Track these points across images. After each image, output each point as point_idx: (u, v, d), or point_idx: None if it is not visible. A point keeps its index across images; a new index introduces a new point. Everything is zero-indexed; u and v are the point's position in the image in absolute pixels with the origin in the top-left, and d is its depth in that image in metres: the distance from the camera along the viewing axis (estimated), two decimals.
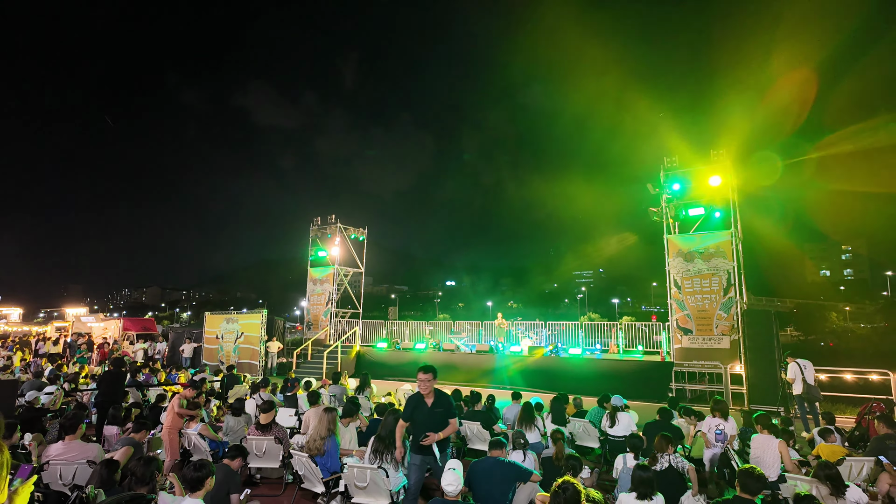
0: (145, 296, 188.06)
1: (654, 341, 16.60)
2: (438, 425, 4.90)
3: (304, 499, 5.83)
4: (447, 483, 4.01)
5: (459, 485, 4.03)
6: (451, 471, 4.06)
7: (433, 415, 4.95)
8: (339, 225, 22.88)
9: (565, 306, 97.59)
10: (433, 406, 5.00)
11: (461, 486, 4.06)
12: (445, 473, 4.05)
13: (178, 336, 21.56)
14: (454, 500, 4.00)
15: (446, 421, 4.98)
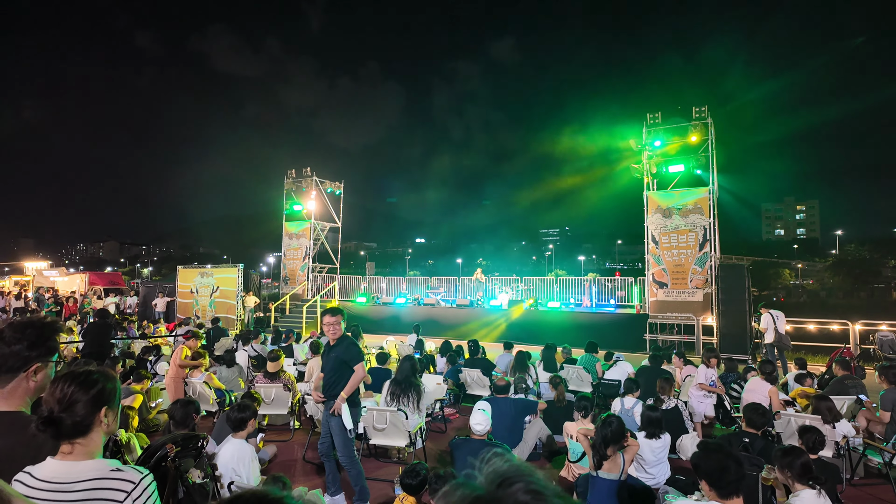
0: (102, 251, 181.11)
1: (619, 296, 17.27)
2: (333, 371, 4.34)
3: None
4: (476, 423, 4.16)
5: (487, 424, 4.19)
6: (480, 411, 4.20)
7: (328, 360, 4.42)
8: (315, 178, 22.33)
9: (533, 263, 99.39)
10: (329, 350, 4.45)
11: (489, 425, 4.22)
12: (475, 414, 4.20)
13: (150, 290, 21.03)
14: (481, 438, 4.17)
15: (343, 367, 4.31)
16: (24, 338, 1.65)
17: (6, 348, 1.61)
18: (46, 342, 1.70)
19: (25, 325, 1.69)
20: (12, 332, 1.65)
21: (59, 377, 1.53)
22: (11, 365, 1.62)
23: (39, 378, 1.70)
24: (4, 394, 1.63)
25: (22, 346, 1.64)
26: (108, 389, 1.56)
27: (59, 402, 1.48)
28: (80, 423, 1.49)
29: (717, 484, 2.46)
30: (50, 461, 1.49)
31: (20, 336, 1.64)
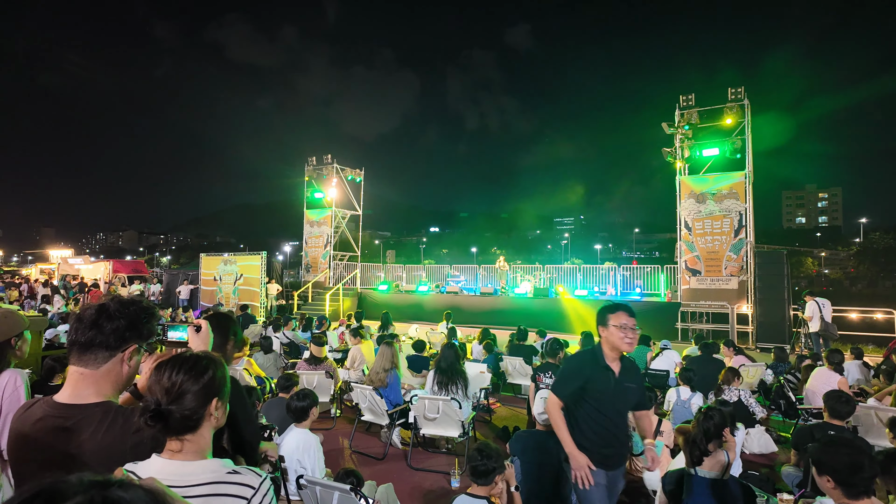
0: (122, 240, 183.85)
1: (641, 284, 16.95)
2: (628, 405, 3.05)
3: (360, 431, 5.79)
4: (541, 412, 3.94)
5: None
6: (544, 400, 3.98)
7: (624, 392, 2.94)
8: (336, 165, 22.13)
9: (548, 252, 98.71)
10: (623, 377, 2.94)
11: None
12: (538, 402, 3.98)
13: (173, 278, 21.14)
14: (545, 429, 3.95)
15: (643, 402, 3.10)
16: (127, 314, 1.46)
17: (108, 323, 1.43)
18: (146, 324, 1.51)
19: (129, 302, 1.53)
20: (117, 307, 1.46)
21: (164, 363, 1.33)
22: (110, 343, 1.43)
23: (133, 364, 1.51)
24: (97, 377, 1.43)
25: (123, 323, 1.45)
26: (219, 378, 1.35)
27: (168, 392, 1.28)
28: (190, 416, 1.29)
29: (848, 482, 2.22)
30: (156, 459, 1.29)
31: (124, 312, 1.46)
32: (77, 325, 1.46)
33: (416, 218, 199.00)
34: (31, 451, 1.37)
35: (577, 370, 3.03)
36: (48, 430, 1.36)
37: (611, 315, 2.91)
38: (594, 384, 2.91)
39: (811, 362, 6.50)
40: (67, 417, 1.37)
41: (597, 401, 2.91)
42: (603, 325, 2.94)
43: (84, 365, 1.43)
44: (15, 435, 1.41)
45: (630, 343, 2.86)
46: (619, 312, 2.91)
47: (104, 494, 0.63)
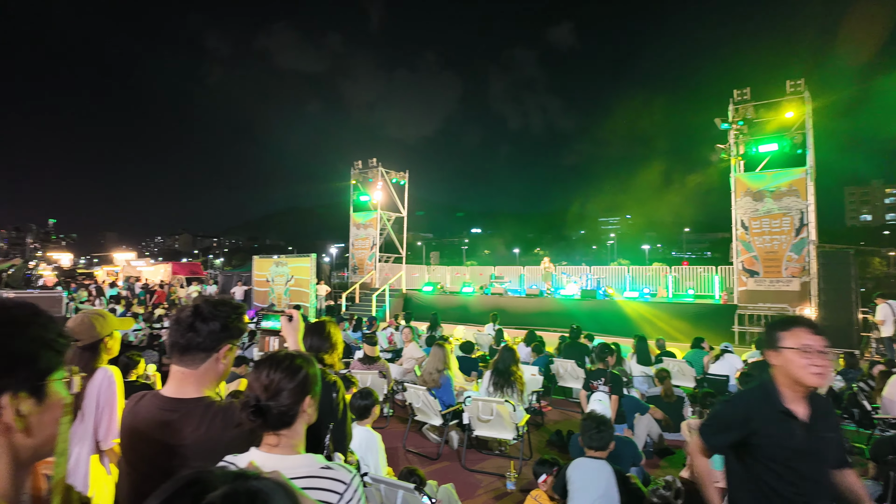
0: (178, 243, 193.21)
1: (692, 286, 16.41)
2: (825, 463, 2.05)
3: (412, 430, 5.87)
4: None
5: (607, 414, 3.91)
6: (599, 402, 3.95)
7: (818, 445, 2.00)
8: (381, 168, 22.50)
9: (593, 253, 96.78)
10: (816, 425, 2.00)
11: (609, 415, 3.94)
12: (593, 404, 3.95)
13: (228, 279, 22.02)
14: None
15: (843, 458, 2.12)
16: (220, 316, 1.55)
17: (204, 325, 1.52)
18: (237, 322, 1.61)
19: (219, 302, 1.62)
20: (210, 308, 1.56)
21: (262, 362, 1.42)
22: (207, 345, 1.53)
23: (228, 361, 1.60)
24: (197, 375, 1.54)
25: (217, 325, 1.54)
26: (312, 376, 1.43)
27: (266, 389, 1.36)
28: (286, 412, 1.36)
29: None
30: (255, 452, 1.37)
31: (217, 313, 1.55)
32: (176, 327, 1.56)
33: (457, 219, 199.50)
34: (141, 440, 1.48)
35: (739, 416, 2.10)
36: (156, 421, 1.47)
37: (785, 333, 2.02)
38: (768, 436, 2.00)
39: (886, 368, 6.12)
40: (174, 411, 1.48)
41: (773, 459, 2.01)
42: (773, 347, 2.04)
43: (185, 365, 1.53)
44: (128, 426, 1.53)
45: (820, 374, 1.94)
46: (797, 329, 2.01)
47: (246, 485, 0.69)
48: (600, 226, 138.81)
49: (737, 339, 13.07)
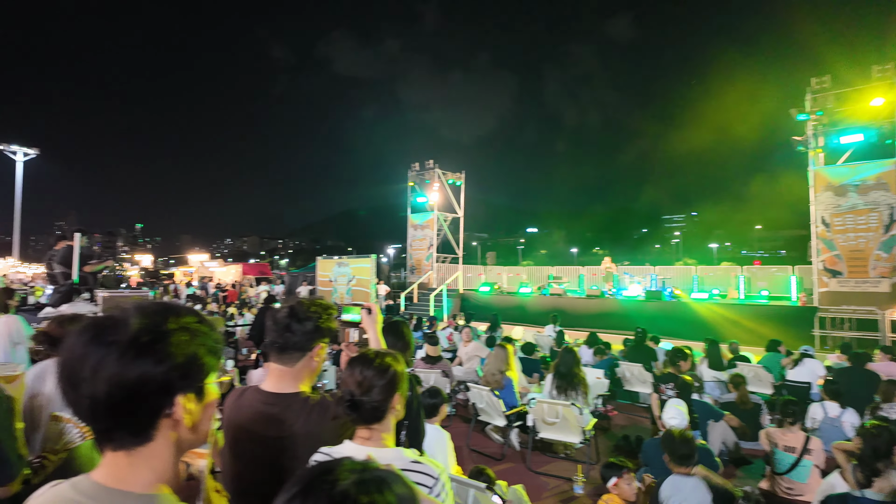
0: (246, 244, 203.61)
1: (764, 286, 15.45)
2: None
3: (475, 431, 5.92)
4: (670, 417, 3.79)
5: (685, 420, 3.79)
6: (674, 407, 3.83)
7: None
8: (438, 170, 22.72)
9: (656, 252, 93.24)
10: None
11: (686, 422, 3.82)
12: (668, 409, 3.84)
13: (294, 279, 22.94)
14: None
15: None
16: (313, 316, 1.66)
17: (299, 326, 1.63)
18: (329, 322, 1.71)
19: (312, 303, 1.72)
20: (303, 310, 1.66)
21: (355, 360, 1.51)
22: (302, 344, 1.64)
23: (320, 358, 1.71)
24: (294, 372, 1.65)
25: (311, 325, 1.65)
26: (400, 374, 1.51)
27: (359, 385, 1.45)
28: (378, 408, 1.45)
29: None
30: (349, 445, 1.46)
31: (310, 314, 1.66)
32: (274, 327, 1.68)
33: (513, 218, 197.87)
34: (245, 432, 1.61)
35: None
36: (259, 414, 1.59)
37: None
38: None
39: None
40: (275, 405, 1.60)
41: None
42: None
43: (283, 363, 1.65)
44: (232, 419, 1.66)
45: None
46: None
47: (373, 474, 0.76)
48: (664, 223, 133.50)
49: (818, 344, 12.21)
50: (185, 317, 0.89)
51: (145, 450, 0.84)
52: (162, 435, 0.84)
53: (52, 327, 2.60)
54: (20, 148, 33.80)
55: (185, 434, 0.88)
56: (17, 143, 33.86)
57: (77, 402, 0.81)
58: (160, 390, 0.82)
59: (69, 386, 0.81)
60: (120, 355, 0.79)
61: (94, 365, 0.79)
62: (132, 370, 0.79)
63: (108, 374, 0.78)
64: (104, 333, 0.81)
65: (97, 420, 0.82)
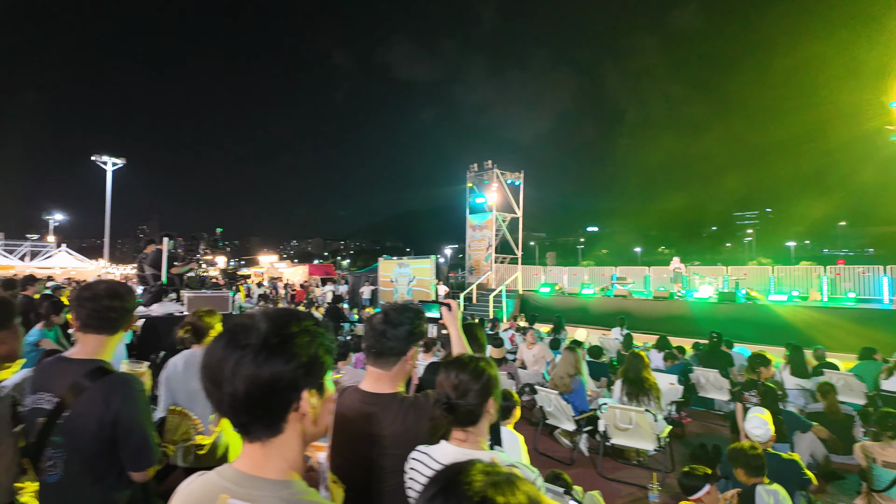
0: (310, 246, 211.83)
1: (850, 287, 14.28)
2: None
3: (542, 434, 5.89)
4: (754, 427, 3.62)
5: (769, 431, 3.61)
6: (757, 416, 3.65)
7: None
8: (497, 170, 22.64)
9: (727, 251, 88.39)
10: None
11: (770, 433, 3.64)
12: (751, 419, 3.66)
13: (357, 280, 23.59)
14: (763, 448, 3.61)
15: None
16: (406, 322, 1.73)
17: (394, 331, 1.70)
18: (421, 327, 1.77)
19: (405, 308, 1.78)
20: (397, 315, 1.73)
21: (450, 364, 1.57)
22: (398, 349, 1.71)
23: (414, 361, 1.78)
24: (390, 376, 1.73)
25: (404, 331, 1.72)
26: (494, 379, 1.55)
27: (455, 388, 1.50)
28: (473, 411, 1.50)
29: None
30: (446, 445, 1.52)
31: (403, 319, 1.73)
32: (371, 333, 1.76)
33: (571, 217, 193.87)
34: (345, 428, 1.70)
35: None
36: (359, 413, 1.69)
37: None
38: None
39: None
40: (374, 404, 1.69)
41: None
42: None
43: (380, 367, 1.74)
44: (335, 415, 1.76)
45: None
46: None
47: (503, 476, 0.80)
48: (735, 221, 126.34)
49: None
50: (304, 321, 0.98)
51: (277, 441, 0.94)
52: (291, 427, 0.94)
53: (194, 319, 3.08)
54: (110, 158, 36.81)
55: (310, 427, 0.97)
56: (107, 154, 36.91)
57: (219, 400, 0.92)
58: (289, 387, 0.92)
59: (212, 385, 0.92)
60: (254, 357, 0.89)
61: (233, 366, 0.89)
62: (265, 370, 0.89)
63: (245, 374, 0.88)
64: (238, 338, 0.92)
65: (237, 415, 0.93)
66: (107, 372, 1.71)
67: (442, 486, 0.78)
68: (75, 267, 33.19)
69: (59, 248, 37.54)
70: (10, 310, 1.74)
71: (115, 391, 1.68)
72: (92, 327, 1.77)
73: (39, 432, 1.67)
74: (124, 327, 1.83)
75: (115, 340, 1.83)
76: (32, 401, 1.72)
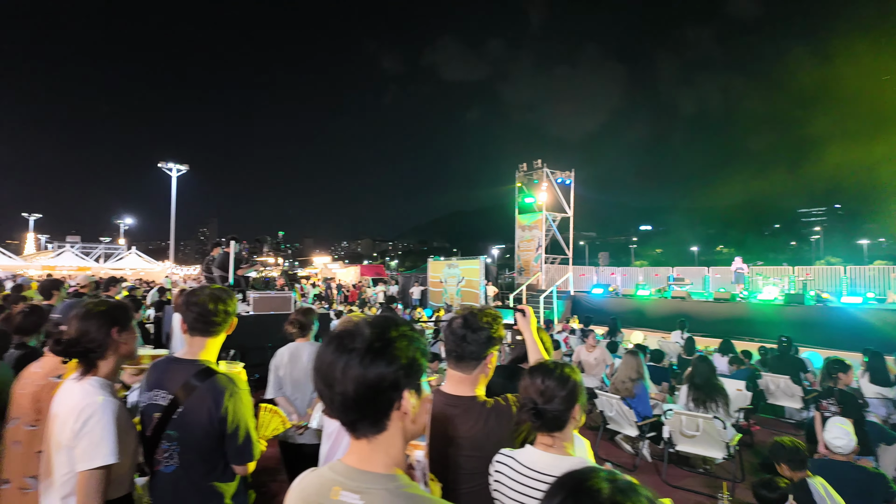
0: (360, 247, 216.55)
1: None
2: None
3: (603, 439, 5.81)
4: (835, 437, 3.44)
5: (852, 443, 3.43)
6: (838, 426, 3.48)
7: None
8: (546, 169, 22.37)
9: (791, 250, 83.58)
10: None
11: (854, 444, 3.45)
12: (831, 428, 3.49)
13: (407, 280, 23.92)
14: (845, 459, 3.44)
15: None
16: (485, 327, 1.76)
17: (475, 336, 1.75)
18: (500, 331, 1.81)
19: (483, 312, 1.80)
20: (477, 321, 1.76)
21: (535, 370, 1.60)
22: (478, 353, 1.76)
23: (492, 364, 1.82)
24: (470, 379, 1.78)
25: (484, 336, 1.75)
26: (579, 385, 1.58)
27: (542, 394, 1.54)
28: (559, 417, 1.53)
29: None
30: (532, 450, 1.56)
31: (482, 324, 1.76)
32: (452, 337, 1.80)
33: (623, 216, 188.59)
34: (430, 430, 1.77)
35: None
36: (441, 414, 1.74)
37: None
38: None
39: None
40: (455, 406, 1.74)
41: None
42: None
43: (460, 371, 1.79)
44: None
45: None
46: None
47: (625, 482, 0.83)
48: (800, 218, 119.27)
49: None
50: (402, 326, 1.06)
51: (382, 437, 1.02)
52: (393, 425, 1.02)
53: (298, 316, 3.57)
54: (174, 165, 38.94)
55: (409, 425, 1.05)
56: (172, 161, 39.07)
57: (331, 399, 1.01)
58: (391, 387, 1.00)
59: (325, 386, 1.02)
60: (360, 360, 0.98)
61: (342, 368, 0.98)
62: (371, 371, 0.97)
63: (354, 375, 0.97)
64: (345, 343, 1.01)
65: (346, 413, 1.01)
66: (213, 372, 1.86)
67: (569, 492, 0.82)
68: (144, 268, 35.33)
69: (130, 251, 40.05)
70: (130, 312, 1.92)
71: (222, 391, 1.82)
72: (197, 330, 1.93)
73: (155, 426, 1.83)
74: (226, 329, 1.98)
75: (218, 342, 1.98)
76: (148, 397, 1.89)
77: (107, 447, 1.67)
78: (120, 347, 1.86)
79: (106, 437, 1.67)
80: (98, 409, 1.70)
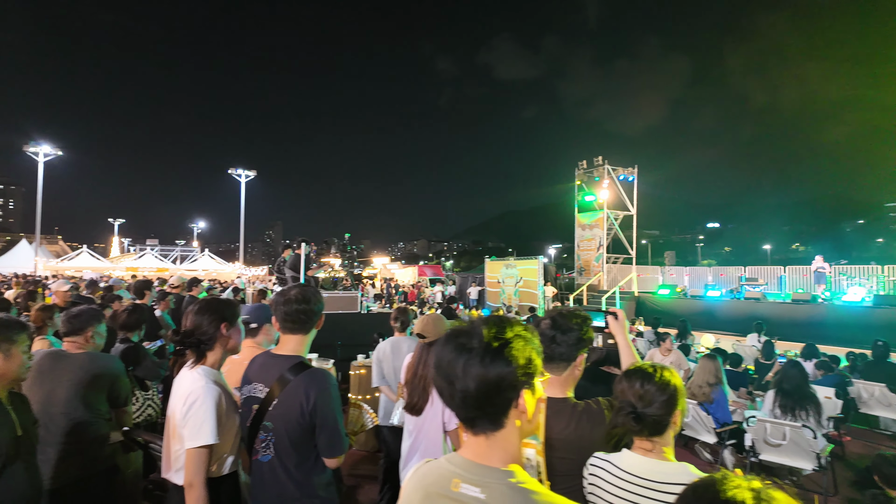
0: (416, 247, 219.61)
1: None
2: None
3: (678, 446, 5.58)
4: None
5: None
6: None
7: None
8: (608, 166, 21.78)
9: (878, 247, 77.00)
10: None
11: None
12: None
13: (464, 280, 23.98)
14: None
15: None
16: (575, 328, 1.74)
17: (564, 338, 1.73)
18: (589, 333, 1.78)
19: (572, 314, 1.79)
20: (565, 322, 1.75)
21: (633, 373, 1.57)
22: (567, 355, 1.74)
23: (582, 366, 1.80)
24: (560, 381, 1.76)
25: (574, 336, 1.74)
26: (679, 389, 1.53)
27: (641, 398, 1.50)
28: (659, 421, 1.49)
29: None
30: (629, 454, 1.52)
31: (572, 326, 1.74)
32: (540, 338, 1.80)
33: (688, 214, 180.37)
34: None
35: None
36: None
37: None
38: None
39: None
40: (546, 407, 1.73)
41: None
42: None
43: (550, 372, 1.77)
44: None
45: None
46: None
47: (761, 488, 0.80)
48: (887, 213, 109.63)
49: None
50: (516, 326, 1.08)
51: (499, 434, 1.03)
52: (510, 423, 1.04)
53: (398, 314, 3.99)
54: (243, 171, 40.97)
55: (525, 424, 1.06)
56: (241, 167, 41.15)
57: (451, 395, 1.03)
58: (511, 386, 1.01)
59: (446, 383, 1.04)
60: (480, 359, 1.00)
61: (464, 366, 1.00)
62: (491, 370, 0.99)
63: (475, 374, 0.99)
64: (463, 342, 1.03)
65: (466, 409, 1.03)
66: (305, 367, 1.95)
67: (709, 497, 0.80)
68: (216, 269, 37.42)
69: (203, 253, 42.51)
70: (238, 310, 2.06)
71: (313, 385, 1.90)
72: (288, 328, 2.03)
73: (254, 417, 1.94)
74: (315, 326, 2.08)
75: (308, 338, 2.07)
76: (248, 390, 2.01)
77: (208, 429, 1.84)
78: (227, 342, 2.03)
79: (207, 419, 1.85)
80: (202, 394, 1.88)
